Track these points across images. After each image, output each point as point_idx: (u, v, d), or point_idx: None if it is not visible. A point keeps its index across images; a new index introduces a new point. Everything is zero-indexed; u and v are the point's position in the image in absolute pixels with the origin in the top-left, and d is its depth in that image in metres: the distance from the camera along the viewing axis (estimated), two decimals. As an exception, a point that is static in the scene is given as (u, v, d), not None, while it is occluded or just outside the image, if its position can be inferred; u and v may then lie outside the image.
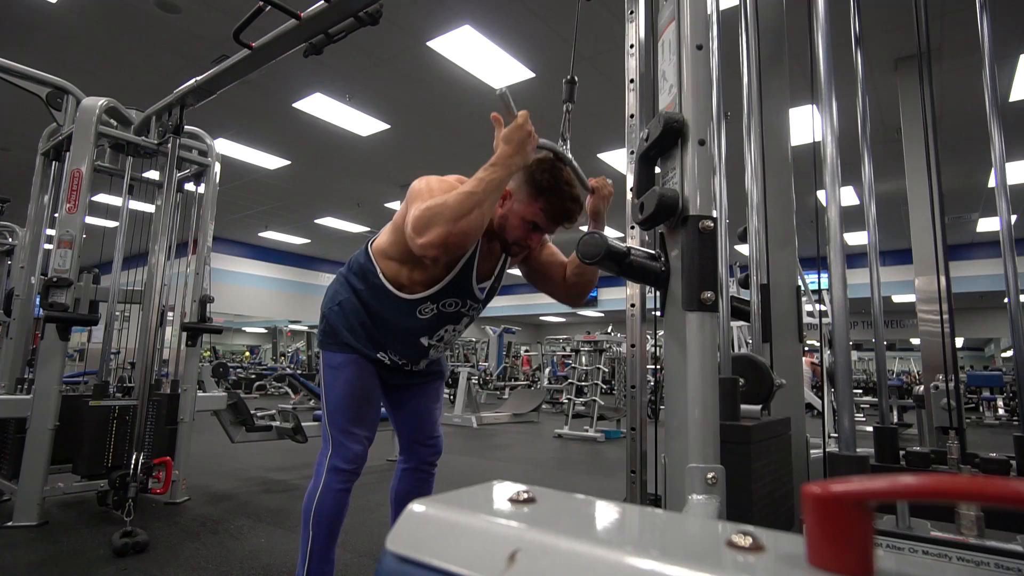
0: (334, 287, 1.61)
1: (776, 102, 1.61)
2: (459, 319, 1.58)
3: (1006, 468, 1.07)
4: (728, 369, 1.00)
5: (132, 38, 5.08)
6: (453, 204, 1.23)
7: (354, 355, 1.53)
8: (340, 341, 1.53)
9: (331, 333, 1.55)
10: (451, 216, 1.22)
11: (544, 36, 4.84)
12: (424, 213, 1.24)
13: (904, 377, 12.98)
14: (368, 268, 1.52)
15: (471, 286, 1.52)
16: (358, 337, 1.53)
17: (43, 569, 2.12)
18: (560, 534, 0.33)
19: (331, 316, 1.56)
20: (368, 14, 1.92)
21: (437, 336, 1.57)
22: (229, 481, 3.65)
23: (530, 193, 1.40)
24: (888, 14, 4.32)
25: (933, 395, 2.06)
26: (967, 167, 7.28)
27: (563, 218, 1.44)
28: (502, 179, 1.27)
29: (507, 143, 1.27)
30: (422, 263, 1.44)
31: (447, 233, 1.22)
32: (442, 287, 1.48)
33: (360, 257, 1.57)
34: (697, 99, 0.85)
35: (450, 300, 1.51)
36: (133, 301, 3.30)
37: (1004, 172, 1.17)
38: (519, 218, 1.43)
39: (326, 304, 1.59)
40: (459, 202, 1.23)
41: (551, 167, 1.39)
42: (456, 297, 1.52)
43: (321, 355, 1.58)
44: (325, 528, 1.48)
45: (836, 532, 0.30)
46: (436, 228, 1.22)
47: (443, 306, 1.52)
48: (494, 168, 1.26)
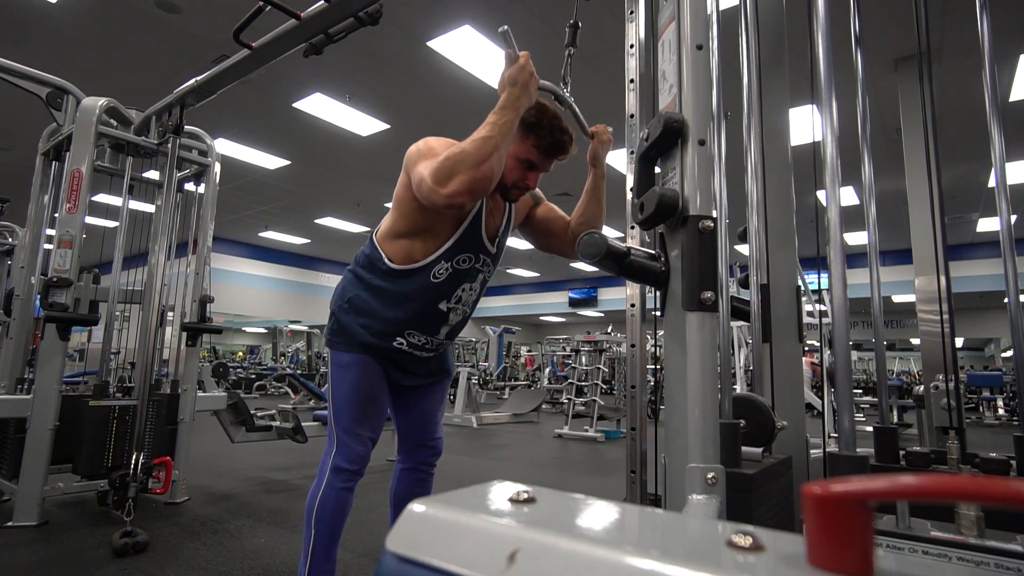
0: (342, 284, 1.60)
1: (776, 102, 1.61)
2: (475, 276, 1.57)
3: (1006, 468, 1.07)
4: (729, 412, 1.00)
5: (132, 38, 5.08)
6: (472, 151, 1.25)
7: (362, 355, 1.52)
8: (349, 340, 1.52)
9: (340, 332, 1.54)
10: (473, 162, 1.24)
11: (544, 36, 4.84)
12: (444, 164, 1.26)
13: (904, 377, 12.98)
14: (374, 256, 1.52)
15: (481, 240, 1.52)
16: (372, 329, 1.51)
17: (43, 569, 2.12)
18: (560, 534, 0.33)
19: (340, 314, 1.55)
20: (368, 14, 1.92)
21: (455, 297, 1.55)
22: (229, 481, 3.65)
23: (521, 132, 1.42)
24: (888, 14, 4.32)
25: (933, 395, 2.06)
26: (967, 167, 7.28)
27: (556, 150, 1.47)
28: (512, 121, 1.30)
29: (512, 85, 1.30)
30: (432, 230, 1.46)
31: (471, 179, 1.24)
32: (454, 242, 1.48)
33: (366, 249, 1.57)
34: (697, 99, 0.85)
35: (463, 256, 1.51)
36: (133, 301, 3.30)
37: (1004, 172, 1.17)
38: (513, 158, 1.45)
39: (335, 302, 1.58)
40: (478, 148, 1.25)
41: (536, 104, 1.42)
42: (469, 252, 1.52)
43: (329, 353, 1.57)
44: (327, 527, 1.47)
45: (836, 532, 0.30)
46: (460, 175, 1.24)
47: (457, 263, 1.51)
48: (504, 111, 1.29)
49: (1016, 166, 7.29)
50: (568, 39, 1.60)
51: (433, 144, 1.39)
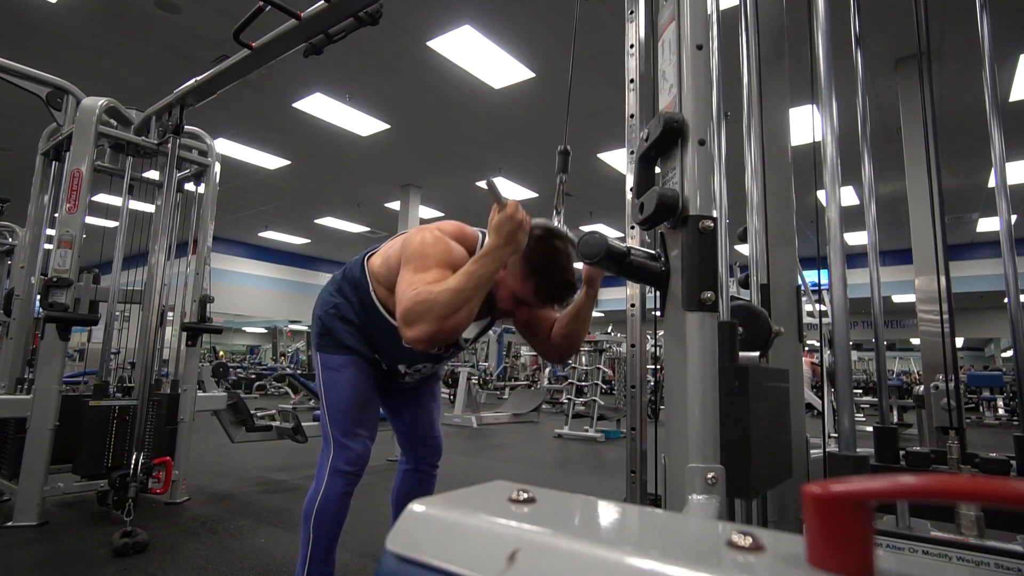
0: (327, 291, 1.61)
1: (776, 102, 1.61)
2: (438, 360, 1.63)
3: (1006, 468, 1.07)
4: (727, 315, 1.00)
5: (132, 38, 5.08)
6: (442, 302, 1.20)
7: (353, 356, 1.53)
8: (338, 343, 1.53)
9: (328, 335, 1.55)
10: (440, 314, 1.19)
11: (544, 36, 4.84)
12: (414, 307, 1.21)
13: (904, 377, 12.97)
14: (362, 284, 1.53)
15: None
16: (356, 338, 1.54)
17: (43, 569, 2.12)
18: (560, 534, 0.33)
19: (327, 318, 1.56)
20: (368, 14, 1.92)
21: (415, 368, 1.61)
22: (229, 481, 3.65)
23: (524, 271, 1.35)
24: (888, 14, 4.32)
25: (933, 395, 2.06)
26: (967, 167, 7.28)
27: (553, 301, 1.39)
28: (492, 272, 1.23)
29: (497, 233, 1.22)
30: None
31: (436, 330, 1.20)
32: None
33: (356, 270, 1.57)
34: (697, 99, 0.85)
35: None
36: (133, 301, 3.30)
37: (1004, 172, 1.17)
38: (509, 291, 1.39)
39: (320, 307, 1.59)
40: (448, 300, 1.20)
41: (548, 247, 1.34)
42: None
43: (318, 357, 1.57)
44: (326, 531, 1.47)
45: (836, 532, 0.30)
46: (424, 325, 1.19)
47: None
48: (484, 261, 1.22)
49: (1016, 166, 7.29)
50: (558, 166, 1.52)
51: (429, 251, 1.33)
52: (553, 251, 1.34)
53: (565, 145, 1.53)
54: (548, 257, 1.33)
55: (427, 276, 1.27)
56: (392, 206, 10.06)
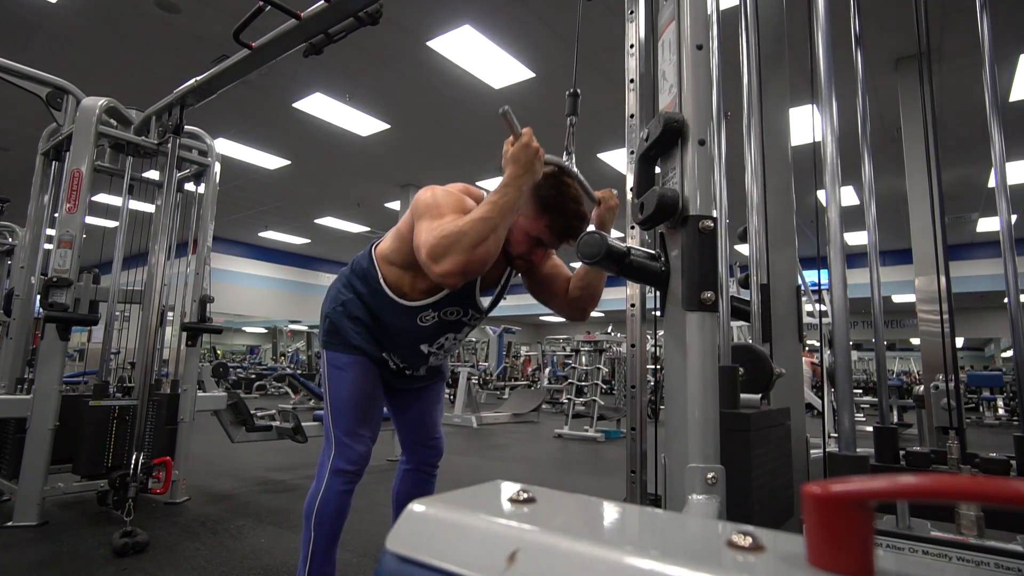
0: (336, 287, 1.60)
1: (776, 102, 1.61)
2: (460, 328, 1.58)
3: (1006, 468, 1.07)
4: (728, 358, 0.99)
5: (132, 38, 5.08)
6: (469, 231, 1.20)
7: (359, 356, 1.52)
8: (345, 342, 1.52)
9: (335, 333, 1.54)
10: (468, 244, 1.20)
11: (544, 36, 4.84)
12: (440, 241, 1.21)
13: (904, 377, 12.97)
14: (370, 272, 1.52)
15: (474, 296, 1.51)
16: (364, 337, 1.52)
17: (43, 569, 2.12)
18: (560, 534, 0.33)
19: (335, 316, 1.54)
20: (368, 14, 1.92)
21: (437, 344, 1.57)
22: (229, 481, 3.65)
23: (535, 209, 1.37)
24: (888, 14, 4.32)
25: (933, 395, 2.06)
26: (967, 167, 7.28)
27: (567, 235, 1.41)
28: (515, 200, 1.25)
29: (515, 163, 1.25)
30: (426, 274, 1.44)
31: (466, 261, 1.20)
32: (444, 295, 1.47)
33: (363, 260, 1.56)
34: (697, 99, 0.85)
35: (452, 308, 1.51)
36: (133, 301, 3.30)
37: (1004, 172, 1.17)
38: (523, 233, 1.40)
39: (328, 304, 1.58)
40: (475, 228, 1.21)
41: (557, 183, 1.37)
42: (458, 306, 1.51)
43: (324, 355, 1.56)
44: (327, 529, 1.47)
45: (836, 532, 0.30)
46: (453, 256, 1.20)
47: (444, 314, 1.51)
48: (506, 190, 1.24)
49: (1016, 166, 7.29)
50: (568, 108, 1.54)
51: (441, 200, 1.34)
52: (563, 186, 1.37)
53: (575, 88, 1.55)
54: (558, 192, 1.36)
55: (445, 220, 1.27)
56: (392, 206, 10.06)
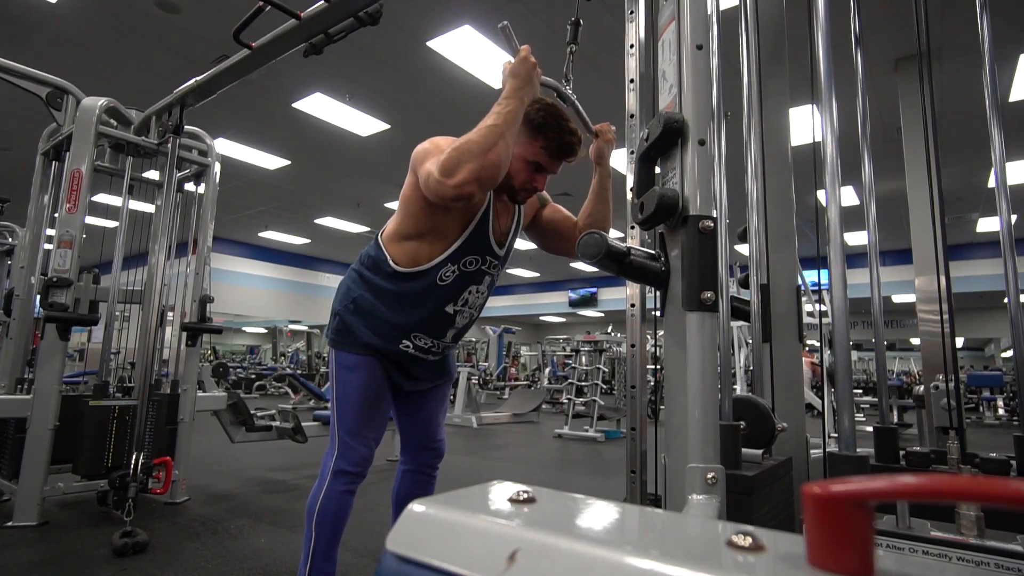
0: (346, 284, 1.57)
1: (776, 102, 1.61)
2: (481, 278, 1.55)
3: (1006, 468, 1.07)
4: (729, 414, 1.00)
5: (132, 38, 5.08)
6: (478, 139, 1.26)
7: (368, 357, 1.50)
8: (355, 341, 1.50)
9: (345, 332, 1.52)
10: (479, 150, 1.25)
11: (544, 36, 4.84)
12: (451, 155, 1.26)
13: (904, 377, 12.97)
14: (379, 258, 1.51)
15: (489, 242, 1.51)
16: (378, 331, 1.49)
17: (43, 569, 2.12)
18: (560, 534, 0.33)
19: (345, 315, 1.52)
20: (368, 14, 1.92)
21: (462, 300, 1.53)
22: (229, 481, 3.65)
23: (528, 133, 1.43)
24: (888, 14, 4.32)
25: (933, 395, 2.06)
26: (967, 167, 7.28)
27: (564, 152, 1.46)
28: (516, 110, 1.30)
29: (514, 77, 1.31)
30: (438, 231, 1.45)
31: (479, 167, 1.25)
32: (460, 244, 1.47)
33: (371, 250, 1.55)
34: (697, 99, 0.85)
35: (470, 258, 1.50)
36: (133, 301, 3.30)
37: (1004, 172, 1.17)
38: (521, 160, 1.44)
39: (339, 302, 1.56)
40: (484, 136, 1.26)
41: (545, 105, 1.42)
42: (475, 254, 1.50)
43: (333, 354, 1.54)
44: (328, 529, 1.47)
45: (836, 532, 0.30)
46: (467, 164, 1.25)
47: (464, 265, 1.49)
48: (508, 100, 1.30)
49: (1016, 166, 7.28)
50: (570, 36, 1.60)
51: (440, 142, 1.38)
52: (551, 107, 1.44)
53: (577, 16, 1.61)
54: (547, 113, 1.42)
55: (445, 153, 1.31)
56: (392, 206, 10.03)
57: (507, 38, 1.30)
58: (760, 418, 1.09)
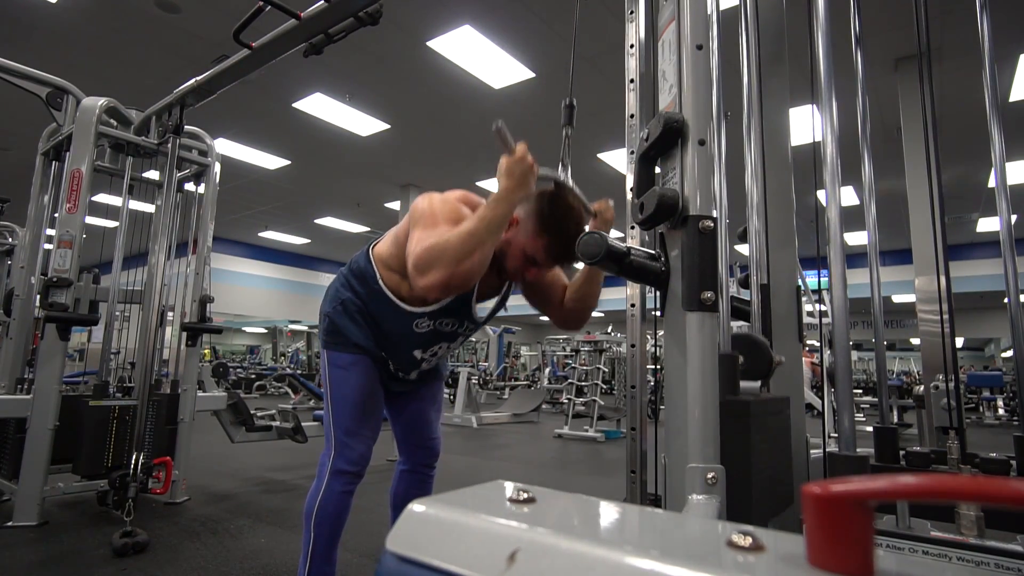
0: (335, 286, 1.59)
1: (776, 102, 1.61)
2: (454, 338, 1.59)
3: (1006, 468, 1.07)
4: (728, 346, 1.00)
5: (132, 38, 5.08)
6: (455, 245, 1.19)
7: (360, 355, 1.52)
8: (347, 341, 1.52)
9: (336, 333, 1.53)
10: (452, 258, 1.19)
11: (544, 36, 4.84)
12: (425, 254, 1.21)
13: (904, 377, 12.96)
14: (368, 272, 1.52)
15: (470, 308, 1.51)
16: (365, 335, 1.52)
17: (43, 569, 2.12)
18: (560, 534, 0.33)
19: (335, 315, 1.54)
20: (368, 14, 1.92)
21: (431, 351, 1.57)
22: (229, 481, 3.65)
23: (535, 228, 1.35)
24: (888, 14, 4.32)
25: (933, 395, 2.05)
26: (967, 167, 7.28)
27: (564, 259, 1.39)
28: (504, 215, 1.24)
29: (508, 177, 1.23)
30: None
31: (449, 275, 1.19)
32: (441, 307, 1.47)
33: (361, 260, 1.55)
34: (697, 99, 0.85)
35: (448, 320, 1.52)
36: (133, 301, 3.30)
37: (1004, 172, 1.17)
38: (520, 250, 1.38)
39: (328, 303, 1.57)
40: (461, 242, 1.19)
41: (561, 204, 1.34)
42: (454, 317, 1.52)
43: (325, 355, 1.55)
44: (327, 529, 1.47)
45: (836, 532, 0.30)
46: (438, 270, 1.19)
47: (440, 324, 1.51)
48: (497, 204, 1.23)
49: (1016, 166, 7.29)
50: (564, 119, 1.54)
51: (437, 209, 1.33)
52: (566, 208, 1.34)
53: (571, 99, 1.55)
54: (560, 214, 1.33)
55: (437, 231, 1.26)
56: (392, 206, 10.06)
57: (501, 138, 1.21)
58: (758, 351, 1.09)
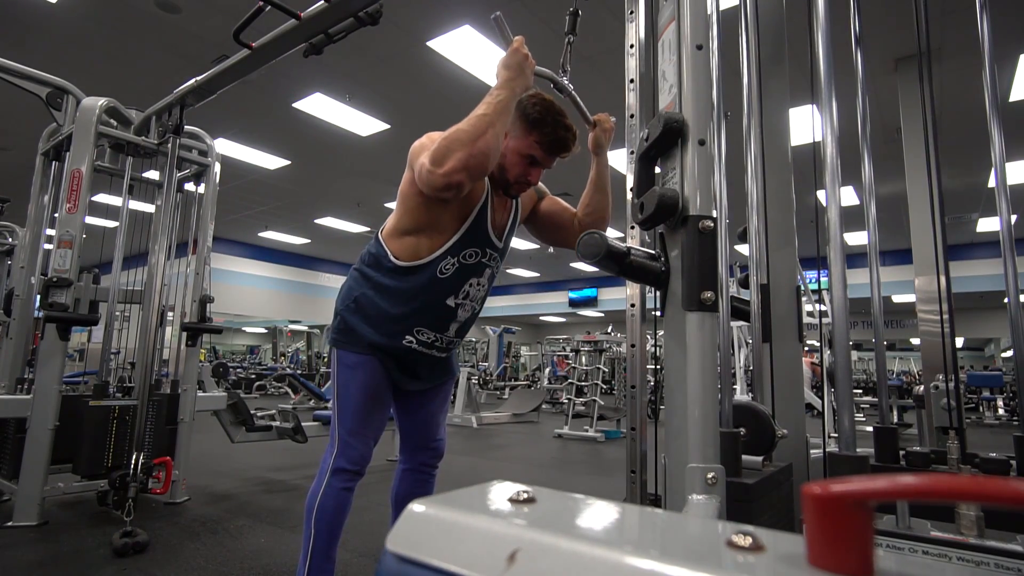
0: (348, 283, 1.59)
1: (776, 102, 1.61)
2: (482, 271, 1.55)
3: (1006, 468, 1.07)
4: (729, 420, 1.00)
5: (132, 38, 5.08)
6: (467, 128, 1.27)
7: (370, 356, 1.51)
8: (357, 340, 1.51)
9: (347, 332, 1.53)
10: (467, 139, 1.26)
11: (544, 36, 4.84)
12: (441, 144, 1.28)
13: (904, 377, 12.97)
14: (380, 254, 1.52)
15: (488, 234, 1.52)
16: (381, 329, 1.50)
17: (43, 569, 2.12)
18: (560, 534, 0.33)
19: (347, 314, 1.53)
20: (368, 14, 1.92)
21: (463, 293, 1.54)
22: (229, 481, 3.65)
23: (523, 127, 1.44)
24: (888, 14, 4.32)
25: (933, 395, 2.06)
26: (967, 167, 7.28)
27: (558, 147, 1.47)
28: (507, 100, 1.31)
29: (506, 68, 1.33)
30: (437, 226, 1.46)
31: (467, 155, 1.26)
32: (460, 236, 1.48)
33: (371, 247, 1.57)
34: (697, 99, 0.85)
35: (470, 250, 1.51)
36: (133, 301, 3.30)
37: (1004, 172, 1.17)
38: (516, 154, 1.46)
39: (341, 302, 1.57)
40: (472, 125, 1.27)
41: (541, 100, 1.44)
42: (475, 246, 1.51)
43: (335, 353, 1.55)
44: (327, 527, 1.47)
45: (836, 532, 0.30)
46: (455, 153, 1.26)
47: (464, 257, 1.50)
48: (498, 91, 1.31)
49: (1016, 166, 7.28)
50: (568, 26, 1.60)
51: (436, 136, 1.40)
52: (546, 101, 1.45)
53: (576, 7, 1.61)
54: (543, 107, 1.43)
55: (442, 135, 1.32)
56: (392, 206, 10.01)
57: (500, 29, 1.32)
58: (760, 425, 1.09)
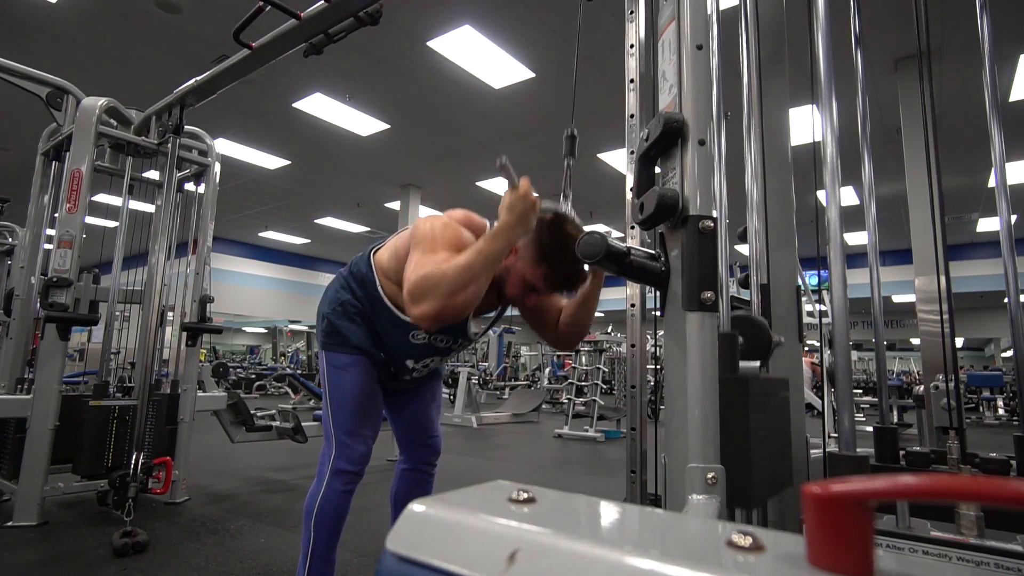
0: (334, 287, 1.60)
1: (776, 102, 1.61)
2: (447, 352, 1.61)
3: (1006, 468, 1.07)
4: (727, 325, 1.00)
5: (132, 38, 5.08)
6: (451, 277, 1.19)
7: (359, 355, 1.53)
8: (345, 342, 1.53)
9: (335, 334, 1.54)
10: (447, 290, 1.18)
11: (544, 36, 4.84)
12: (421, 283, 1.21)
13: (904, 377, 12.97)
14: (369, 279, 1.53)
15: (465, 328, 1.53)
16: (363, 336, 1.53)
17: (43, 569, 2.12)
18: (560, 534, 0.33)
19: (334, 316, 1.54)
20: (368, 14, 1.92)
21: (423, 363, 1.59)
22: (229, 481, 3.65)
23: (535, 256, 1.35)
24: (888, 14, 4.32)
25: (933, 395, 2.05)
26: (967, 167, 7.28)
27: (562, 288, 1.40)
28: (502, 250, 1.23)
29: (510, 212, 1.23)
30: None
31: (442, 307, 1.19)
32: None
33: (363, 265, 1.56)
34: (697, 99, 0.85)
35: (443, 336, 1.53)
36: (133, 301, 3.30)
37: (1004, 172, 1.17)
38: (520, 277, 1.39)
39: (327, 305, 1.58)
40: (456, 275, 1.19)
41: (560, 235, 1.33)
42: (448, 334, 1.54)
43: (323, 356, 1.56)
44: (327, 529, 1.47)
45: (836, 532, 0.30)
46: (431, 301, 1.19)
47: (434, 340, 1.53)
48: (496, 239, 1.22)
49: (1016, 166, 7.29)
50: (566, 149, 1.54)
51: (438, 234, 1.33)
52: (564, 238, 1.33)
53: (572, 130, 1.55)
54: (559, 244, 1.33)
55: (436, 257, 1.26)
56: (392, 206, 10.06)
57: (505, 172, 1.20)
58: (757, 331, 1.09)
